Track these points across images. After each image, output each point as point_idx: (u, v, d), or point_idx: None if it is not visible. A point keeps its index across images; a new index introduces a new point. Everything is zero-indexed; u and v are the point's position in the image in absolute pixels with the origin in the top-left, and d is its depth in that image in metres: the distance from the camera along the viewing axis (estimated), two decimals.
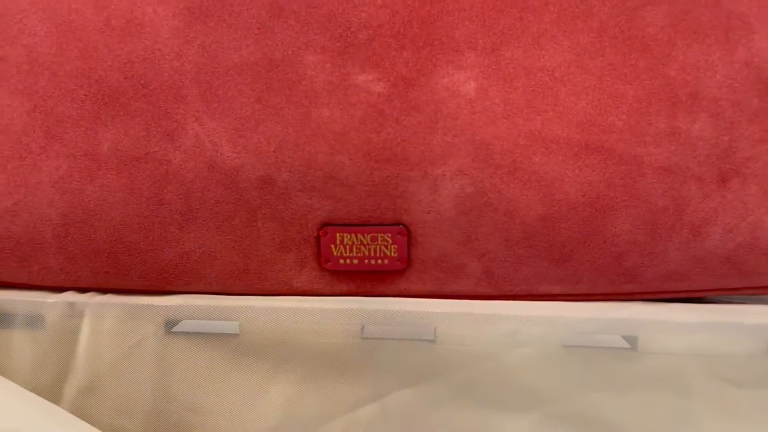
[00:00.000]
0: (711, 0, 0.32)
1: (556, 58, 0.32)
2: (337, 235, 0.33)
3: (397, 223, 0.33)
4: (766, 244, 0.32)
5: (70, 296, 0.34)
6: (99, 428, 0.27)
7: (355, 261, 0.34)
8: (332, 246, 0.33)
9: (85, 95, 0.33)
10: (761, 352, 0.32)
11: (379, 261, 0.34)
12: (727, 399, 0.33)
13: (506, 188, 0.32)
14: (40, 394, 0.29)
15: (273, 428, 0.34)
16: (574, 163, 0.32)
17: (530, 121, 0.32)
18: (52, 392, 0.34)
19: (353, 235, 0.33)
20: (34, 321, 0.34)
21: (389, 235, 0.33)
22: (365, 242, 0.33)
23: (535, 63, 0.32)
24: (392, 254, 0.33)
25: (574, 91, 0.32)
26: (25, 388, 0.29)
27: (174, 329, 0.34)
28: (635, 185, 0.32)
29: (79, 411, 0.33)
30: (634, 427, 0.33)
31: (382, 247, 0.33)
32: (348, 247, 0.33)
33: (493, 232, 0.33)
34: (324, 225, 0.33)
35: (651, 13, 0.32)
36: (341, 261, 0.34)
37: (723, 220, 0.32)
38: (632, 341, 0.33)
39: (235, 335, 0.34)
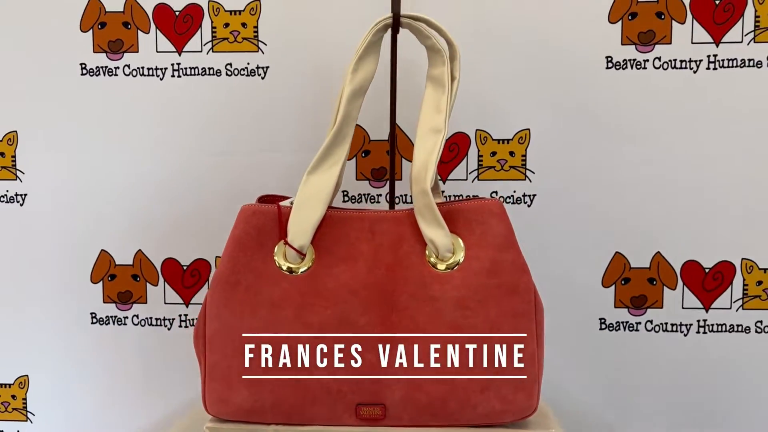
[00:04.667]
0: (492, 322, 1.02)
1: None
2: (362, 408, 1.01)
3: (380, 403, 1.02)
4: (497, 411, 1.01)
5: (273, 428, 1.02)
6: None
7: (368, 415, 1.02)
8: (361, 411, 1.01)
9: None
10: None
11: (374, 418, 1.01)
12: None
13: (416, 393, 1.01)
14: None
15: None
16: (438, 387, 1.01)
17: (421, 375, 1.01)
18: None
19: (366, 407, 1.01)
20: None
21: (377, 407, 1.01)
22: (371, 409, 1.01)
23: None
24: (379, 414, 1.01)
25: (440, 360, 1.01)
26: None
27: None
28: (454, 394, 1.01)
29: None
30: None
31: (377, 412, 1.01)
32: (366, 413, 1.01)
33: (414, 405, 1.02)
34: (358, 404, 1.01)
35: (472, 321, 1.01)
36: (363, 415, 1.02)
37: (485, 404, 1.01)
38: None
39: None
